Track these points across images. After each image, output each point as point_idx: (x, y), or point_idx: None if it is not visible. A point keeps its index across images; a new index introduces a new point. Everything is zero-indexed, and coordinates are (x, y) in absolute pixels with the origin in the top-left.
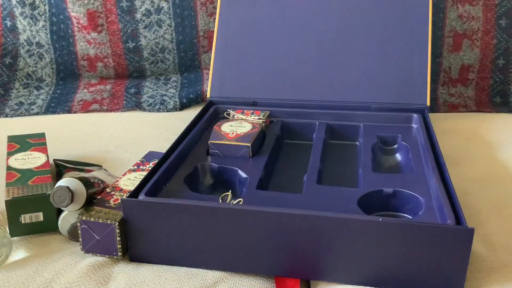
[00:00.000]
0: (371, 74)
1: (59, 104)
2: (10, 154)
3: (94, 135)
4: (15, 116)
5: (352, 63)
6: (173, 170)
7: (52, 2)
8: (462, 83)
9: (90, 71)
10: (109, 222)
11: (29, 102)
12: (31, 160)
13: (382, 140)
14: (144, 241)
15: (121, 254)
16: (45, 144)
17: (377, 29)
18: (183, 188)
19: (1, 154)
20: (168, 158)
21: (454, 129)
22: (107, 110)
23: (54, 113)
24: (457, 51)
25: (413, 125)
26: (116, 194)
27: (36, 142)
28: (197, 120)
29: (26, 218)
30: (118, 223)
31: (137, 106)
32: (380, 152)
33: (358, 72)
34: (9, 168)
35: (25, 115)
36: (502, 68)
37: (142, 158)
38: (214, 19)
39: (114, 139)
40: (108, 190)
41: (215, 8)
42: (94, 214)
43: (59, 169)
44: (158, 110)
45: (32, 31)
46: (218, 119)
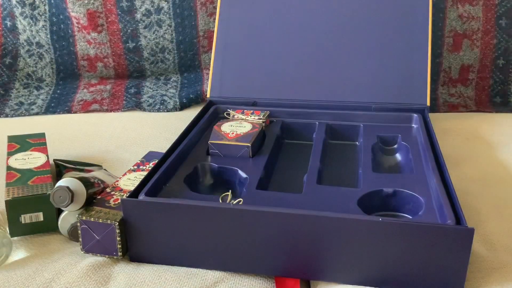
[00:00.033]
0: (371, 74)
1: (59, 104)
2: (10, 154)
3: (94, 135)
4: (15, 116)
5: (352, 63)
6: (173, 170)
7: (52, 2)
8: (462, 83)
9: (90, 71)
10: (109, 222)
11: (29, 102)
12: (31, 160)
13: (382, 140)
14: (144, 241)
15: (121, 254)
16: (45, 144)
17: (377, 29)
18: (183, 188)
19: (1, 154)
20: (168, 158)
21: (454, 129)
22: (107, 110)
23: (54, 113)
24: (457, 51)
25: (413, 125)
26: (116, 194)
27: (36, 142)
28: (197, 120)
29: (26, 218)
30: (118, 223)
31: (137, 106)
32: (380, 152)
33: (358, 72)
34: (9, 168)
35: (25, 115)
36: (502, 68)
37: (142, 158)
38: (214, 19)
39: (114, 139)
40: (108, 190)
41: (215, 8)
42: (94, 214)
43: (59, 169)
44: (158, 110)
45: (32, 31)
46: (218, 119)
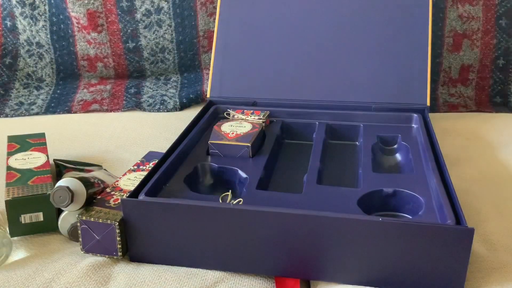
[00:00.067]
0: (371, 74)
1: (59, 104)
2: (10, 154)
3: (94, 135)
4: (15, 116)
5: (352, 63)
6: (173, 170)
7: (52, 2)
8: (462, 83)
9: (90, 71)
10: (109, 222)
11: (29, 102)
12: (31, 160)
13: (382, 140)
14: (144, 241)
15: (121, 254)
16: (45, 144)
17: (377, 29)
18: (183, 188)
19: (1, 154)
20: (168, 158)
21: (454, 129)
22: (107, 110)
23: (54, 113)
24: (457, 51)
25: (413, 125)
26: (116, 194)
27: (36, 142)
28: (197, 120)
29: (26, 218)
30: (118, 223)
31: (137, 106)
32: (380, 152)
33: (358, 72)
34: (9, 168)
35: (25, 115)
36: (502, 68)
37: (142, 158)
38: (214, 19)
39: (114, 139)
40: (108, 190)
41: (215, 8)
42: (94, 214)
43: (59, 169)
44: (158, 110)
45: (32, 31)
46: (218, 119)
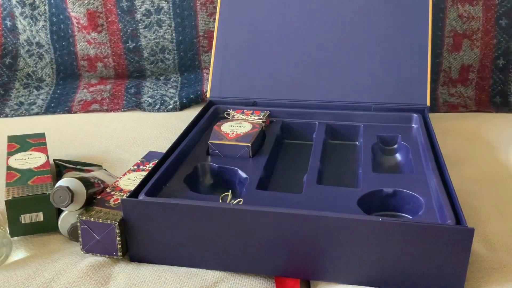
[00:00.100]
0: (371, 74)
1: (59, 104)
2: (10, 154)
3: (94, 135)
4: (15, 116)
5: (352, 63)
6: (173, 170)
7: (52, 2)
8: (462, 83)
9: (90, 71)
10: (109, 222)
11: (29, 102)
12: (31, 160)
13: (382, 140)
14: (144, 241)
15: (121, 254)
16: (45, 144)
17: (377, 29)
18: (183, 188)
19: (1, 154)
20: (168, 158)
21: (454, 129)
22: (107, 110)
23: (54, 113)
24: (457, 51)
25: (413, 125)
26: (116, 194)
27: (36, 142)
28: (197, 120)
29: (26, 218)
30: (118, 223)
31: (137, 106)
32: (380, 152)
33: (358, 72)
34: (9, 168)
35: (25, 115)
36: (502, 68)
37: (142, 158)
38: (214, 19)
39: (114, 139)
40: (108, 190)
41: (215, 8)
42: (94, 214)
43: (59, 169)
44: (158, 110)
45: (32, 31)
46: (218, 119)
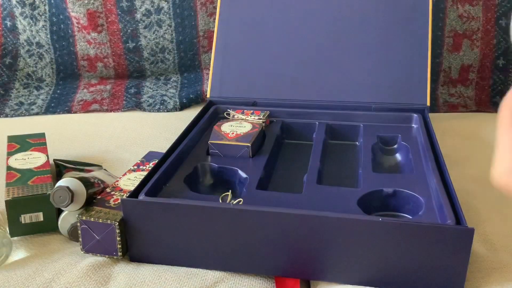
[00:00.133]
0: (371, 74)
1: (59, 104)
2: (10, 154)
3: (94, 135)
4: (15, 116)
5: (352, 63)
6: (173, 170)
7: (52, 2)
8: (462, 83)
9: (90, 71)
10: (109, 222)
11: (29, 102)
12: (31, 160)
13: (382, 140)
14: (144, 241)
15: (121, 254)
16: (45, 144)
17: (377, 29)
18: (183, 188)
19: (1, 154)
20: (168, 158)
21: (454, 129)
22: (107, 110)
23: (54, 113)
24: (457, 51)
25: (413, 125)
26: (116, 194)
27: (36, 142)
28: (197, 120)
29: (26, 218)
30: (118, 223)
31: (137, 106)
32: (380, 152)
33: (358, 72)
34: (9, 168)
35: (25, 115)
36: (502, 68)
37: (142, 158)
38: (214, 19)
39: (114, 139)
40: (108, 190)
41: (215, 8)
42: (94, 214)
43: (59, 169)
44: (158, 110)
45: (32, 31)
46: (218, 119)
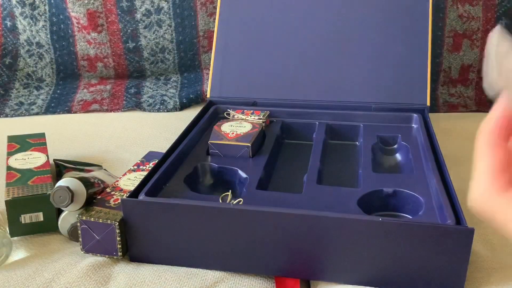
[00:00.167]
0: (371, 74)
1: (59, 104)
2: (10, 154)
3: (94, 135)
4: (15, 116)
5: (352, 63)
6: (173, 170)
7: (52, 2)
8: (462, 83)
9: (90, 71)
10: (109, 222)
11: (29, 102)
12: (31, 160)
13: (382, 140)
14: (144, 241)
15: (121, 254)
16: (45, 144)
17: (377, 29)
18: (183, 188)
19: (1, 154)
20: (168, 158)
21: (454, 129)
22: (107, 110)
23: (54, 113)
24: (457, 51)
25: (413, 125)
26: (116, 194)
27: (36, 142)
28: (197, 120)
29: (26, 218)
30: (118, 223)
31: (137, 106)
32: (380, 152)
33: (358, 72)
34: (9, 168)
35: (25, 115)
36: None
37: (142, 158)
38: (214, 19)
39: (114, 139)
40: (108, 190)
41: (215, 8)
42: (94, 214)
43: (59, 169)
44: (158, 110)
45: (32, 31)
46: (218, 119)
